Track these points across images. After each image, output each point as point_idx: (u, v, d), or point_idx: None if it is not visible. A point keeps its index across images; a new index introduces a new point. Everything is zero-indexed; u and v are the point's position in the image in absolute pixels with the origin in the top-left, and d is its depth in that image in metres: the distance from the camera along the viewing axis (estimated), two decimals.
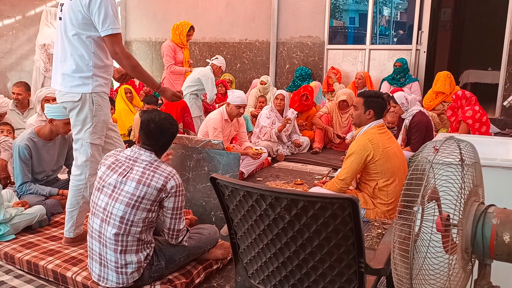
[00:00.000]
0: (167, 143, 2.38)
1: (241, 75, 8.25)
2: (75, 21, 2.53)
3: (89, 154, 2.68)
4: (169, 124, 2.35)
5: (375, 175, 3.31)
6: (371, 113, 3.34)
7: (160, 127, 2.31)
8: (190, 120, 4.69)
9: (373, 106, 3.33)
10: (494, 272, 1.38)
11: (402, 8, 10.58)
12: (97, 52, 2.59)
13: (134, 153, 2.33)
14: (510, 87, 6.27)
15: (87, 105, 2.60)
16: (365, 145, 3.25)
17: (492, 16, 8.45)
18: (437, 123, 5.70)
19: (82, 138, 2.67)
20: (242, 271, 1.79)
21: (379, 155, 3.24)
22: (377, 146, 3.24)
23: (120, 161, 2.33)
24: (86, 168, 2.70)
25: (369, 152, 3.24)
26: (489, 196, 1.57)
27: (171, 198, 2.26)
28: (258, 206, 1.54)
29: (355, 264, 1.50)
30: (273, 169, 4.96)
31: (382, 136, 3.32)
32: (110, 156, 2.39)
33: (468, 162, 1.36)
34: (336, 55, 7.50)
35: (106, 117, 2.71)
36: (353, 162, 3.27)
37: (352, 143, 3.38)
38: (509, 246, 1.26)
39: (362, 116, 3.38)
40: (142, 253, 2.28)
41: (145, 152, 2.31)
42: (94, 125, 2.64)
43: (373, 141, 3.25)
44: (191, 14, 8.46)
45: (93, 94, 2.59)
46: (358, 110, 3.39)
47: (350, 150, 3.34)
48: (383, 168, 3.27)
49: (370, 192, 3.38)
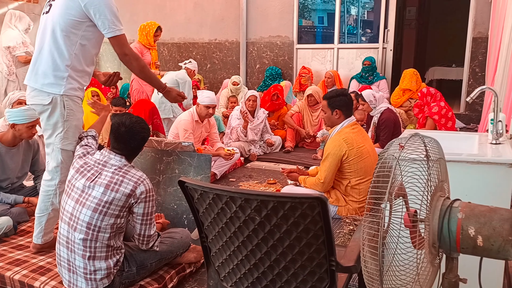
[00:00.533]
0: (137, 147, 2.34)
1: (212, 76, 8.21)
2: (66, 17, 2.43)
3: (59, 160, 2.58)
4: (140, 127, 2.31)
5: (348, 174, 3.35)
6: (338, 113, 3.38)
7: (131, 131, 2.27)
8: (159, 122, 4.62)
9: (338, 106, 3.37)
10: (461, 265, 1.41)
11: (369, 7, 10.76)
12: (79, 55, 2.49)
13: (104, 157, 2.27)
14: (473, 83, 6.46)
15: (58, 109, 2.49)
16: (340, 145, 3.28)
17: (455, 14, 8.70)
18: (404, 120, 5.82)
19: (53, 143, 2.57)
20: (214, 274, 1.77)
21: (354, 154, 3.28)
22: (351, 146, 3.28)
23: (89, 164, 2.27)
24: (57, 174, 2.61)
25: (344, 151, 3.27)
26: (455, 190, 1.61)
27: (141, 203, 2.22)
28: (228, 208, 1.52)
29: (326, 263, 1.51)
30: (246, 169, 4.95)
31: (356, 135, 3.36)
32: (80, 158, 2.33)
33: (433, 158, 1.39)
34: (306, 55, 7.55)
35: (78, 122, 2.60)
36: (331, 163, 3.30)
37: (327, 144, 3.40)
38: (474, 239, 1.28)
39: (331, 117, 3.42)
40: (111, 259, 2.23)
41: (115, 156, 2.26)
42: (66, 130, 2.54)
43: (347, 140, 3.29)
44: (159, 15, 8.34)
45: (65, 97, 2.48)
46: (326, 113, 3.44)
47: (326, 151, 3.36)
48: (356, 167, 3.31)
49: (343, 190, 3.42)
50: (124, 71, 8.92)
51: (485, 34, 6.21)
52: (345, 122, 3.39)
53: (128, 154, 2.31)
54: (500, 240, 1.25)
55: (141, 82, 5.57)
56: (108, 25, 2.43)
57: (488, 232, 1.26)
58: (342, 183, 3.40)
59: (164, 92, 2.83)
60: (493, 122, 2.26)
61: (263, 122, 5.49)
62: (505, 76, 3.25)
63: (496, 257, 1.28)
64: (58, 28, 2.44)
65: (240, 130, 5.29)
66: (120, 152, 2.27)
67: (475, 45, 6.41)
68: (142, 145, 2.36)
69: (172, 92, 2.87)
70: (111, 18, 2.43)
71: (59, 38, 2.44)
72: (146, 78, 2.76)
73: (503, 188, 1.96)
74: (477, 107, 6.40)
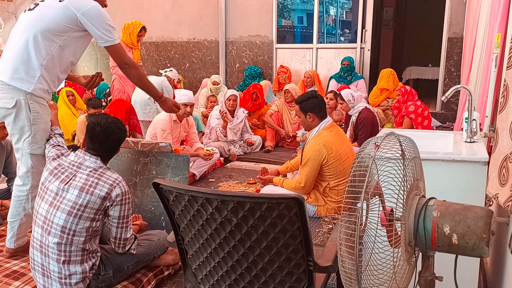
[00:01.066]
0: (113, 148, 2.28)
1: (191, 75, 8.15)
2: (55, 21, 2.38)
3: (29, 165, 2.50)
4: (116, 128, 2.26)
5: (327, 176, 3.35)
6: (312, 116, 3.38)
7: (106, 131, 2.22)
8: (136, 123, 4.55)
9: (310, 109, 3.37)
10: (437, 263, 1.42)
11: (347, 7, 10.86)
12: (56, 58, 2.44)
13: (78, 158, 2.22)
14: (449, 83, 6.58)
15: (24, 112, 2.40)
16: (320, 150, 3.27)
17: (431, 14, 8.84)
18: (382, 119, 5.88)
19: (21, 148, 2.49)
20: (191, 277, 1.74)
21: (333, 158, 3.28)
22: (330, 150, 3.27)
23: (63, 166, 2.21)
24: (28, 179, 2.53)
25: (324, 156, 3.26)
26: (431, 188, 1.62)
27: (117, 206, 2.17)
28: (204, 210, 1.50)
29: (304, 263, 1.50)
30: (226, 170, 4.92)
31: (335, 137, 3.35)
32: (54, 160, 2.27)
33: (408, 157, 1.39)
34: (285, 54, 7.56)
35: (46, 125, 2.52)
36: (311, 168, 3.30)
37: (306, 148, 3.38)
38: (449, 237, 1.29)
39: (306, 121, 3.43)
40: (87, 263, 2.18)
41: (90, 158, 2.20)
42: (33, 134, 2.45)
43: (326, 144, 3.28)
44: (136, 13, 8.24)
45: (31, 99, 2.39)
46: (300, 117, 3.45)
47: (305, 155, 3.34)
48: (335, 170, 3.31)
49: (321, 191, 3.42)
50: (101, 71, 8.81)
51: (460, 34, 6.33)
52: (322, 124, 3.38)
53: (104, 155, 2.26)
54: (474, 238, 1.26)
55: (123, 82, 5.48)
56: (105, 35, 2.47)
57: (462, 230, 1.27)
58: (321, 185, 3.40)
59: (161, 102, 2.83)
60: (468, 121, 2.29)
61: (242, 122, 5.48)
62: (479, 75, 3.31)
63: (471, 255, 1.30)
64: (42, 27, 2.39)
65: (220, 130, 5.26)
66: (96, 153, 2.22)
67: (450, 45, 6.52)
68: (117, 146, 2.31)
69: (168, 101, 2.90)
70: (108, 29, 2.47)
71: (40, 37, 2.38)
72: (144, 87, 2.77)
73: (477, 186, 1.98)
74: (453, 106, 6.52)
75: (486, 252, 1.27)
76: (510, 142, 1.74)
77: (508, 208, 1.66)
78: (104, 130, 2.21)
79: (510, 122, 1.75)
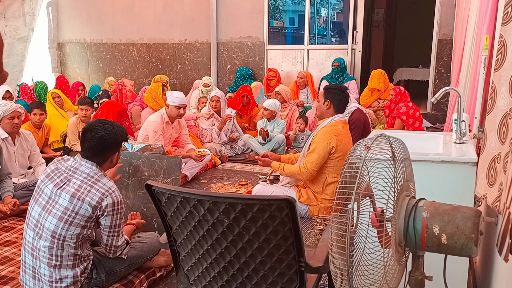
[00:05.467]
0: (100, 148, 2.19)
1: (182, 76, 8.13)
2: None
3: None
4: (102, 127, 2.23)
5: (328, 168, 3.37)
6: (329, 104, 3.39)
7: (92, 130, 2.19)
8: (128, 125, 4.54)
9: (331, 98, 3.38)
10: (427, 263, 1.44)
11: (338, 9, 10.91)
12: None
13: (75, 163, 2.19)
14: (439, 84, 6.64)
15: None
16: (331, 138, 3.30)
17: (421, 16, 8.90)
18: (373, 120, 5.92)
19: None
20: (183, 278, 1.74)
21: (339, 151, 3.31)
22: (340, 142, 3.31)
23: (60, 170, 2.18)
24: None
25: (333, 146, 3.29)
26: (421, 189, 1.64)
27: (108, 216, 2.14)
28: (196, 211, 1.50)
29: (296, 264, 1.51)
30: (218, 171, 4.92)
31: (345, 133, 3.40)
32: (53, 163, 2.24)
33: (399, 158, 1.41)
34: (276, 55, 7.58)
35: None
36: (319, 155, 3.30)
37: (318, 135, 3.37)
38: (438, 237, 1.31)
39: (322, 107, 3.44)
40: (79, 267, 2.16)
41: (86, 163, 2.17)
42: None
43: (338, 136, 3.32)
44: (128, 15, 8.21)
45: None
46: (319, 101, 3.46)
47: (315, 142, 3.34)
48: (336, 164, 3.34)
49: (316, 188, 3.43)
50: (92, 72, 8.77)
51: (450, 36, 6.39)
52: (336, 117, 3.40)
53: (96, 159, 2.21)
54: (463, 238, 1.28)
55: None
56: None
57: (451, 230, 1.29)
58: (319, 180, 3.41)
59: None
60: (457, 122, 2.32)
61: (231, 121, 5.48)
62: (468, 77, 3.34)
63: (460, 254, 1.31)
64: None
65: (216, 132, 5.25)
66: (90, 157, 2.19)
67: (440, 46, 6.58)
68: (103, 146, 2.21)
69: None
70: None
71: None
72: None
73: (466, 187, 2.01)
74: (443, 107, 6.58)
75: (474, 251, 1.29)
76: (498, 143, 1.77)
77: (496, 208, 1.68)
78: (90, 128, 2.20)
79: (498, 124, 1.77)
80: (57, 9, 8.82)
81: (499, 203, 1.65)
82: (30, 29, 8.29)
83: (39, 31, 8.49)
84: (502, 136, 1.73)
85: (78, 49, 8.84)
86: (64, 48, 8.95)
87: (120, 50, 8.46)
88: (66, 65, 9.01)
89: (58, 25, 8.89)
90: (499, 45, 1.78)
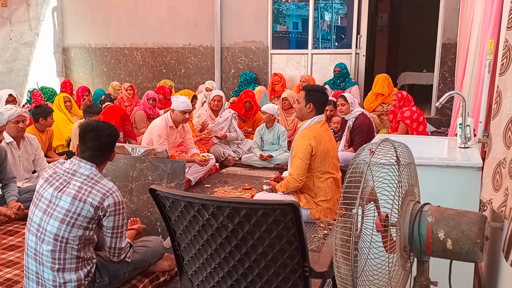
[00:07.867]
0: (105, 146, 2.23)
1: (186, 81, 8.15)
2: None
3: None
4: (107, 126, 2.25)
5: (312, 171, 3.40)
6: (311, 107, 3.42)
7: (96, 129, 2.20)
8: (130, 129, 4.54)
9: (313, 100, 3.41)
10: (432, 268, 1.43)
11: (342, 13, 10.91)
12: None
13: (73, 165, 2.19)
14: (443, 88, 6.62)
15: None
16: (310, 140, 3.32)
17: (425, 20, 8.90)
18: (377, 124, 5.90)
19: None
20: (187, 283, 1.74)
21: (320, 151, 3.34)
22: (319, 143, 3.33)
23: (58, 174, 2.19)
24: None
25: (313, 147, 3.31)
26: (426, 194, 1.63)
27: (110, 217, 2.15)
28: (200, 216, 1.50)
29: (300, 269, 1.50)
30: (221, 175, 4.92)
31: (325, 133, 3.42)
32: (50, 167, 2.25)
33: (403, 163, 1.40)
34: (280, 60, 7.59)
35: None
36: (302, 159, 3.33)
37: (296, 139, 3.42)
38: (444, 242, 1.30)
39: (303, 109, 3.45)
40: (82, 270, 2.16)
41: (85, 165, 2.18)
42: None
43: (317, 137, 3.34)
44: (132, 19, 8.25)
45: None
46: (300, 103, 3.47)
47: (295, 146, 3.38)
48: (320, 164, 3.36)
49: (310, 192, 3.45)
50: (96, 76, 8.81)
51: (454, 40, 6.38)
52: (315, 118, 3.43)
53: (98, 159, 2.22)
54: (468, 243, 1.27)
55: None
56: None
57: (457, 235, 1.28)
58: (307, 184, 3.44)
59: None
60: (462, 127, 2.31)
61: (227, 121, 5.49)
62: (473, 81, 3.33)
63: (465, 260, 1.31)
64: None
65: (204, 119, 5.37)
66: (90, 157, 2.19)
67: (445, 50, 6.57)
68: (110, 144, 2.25)
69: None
70: None
71: None
72: None
73: (471, 191, 2.00)
74: (447, 111, 6.55)
75: (480, 257, 1.28)
76: (503, 148, 1.76)
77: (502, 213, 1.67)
78: (94, 128, 2.20)
79: (503, 128, 1.76)
80: (62, 14, 8.88)
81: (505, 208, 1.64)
82: (35, 34, 8.35)
83: (44, 35, 8.54)
84: (508, 140, 1.72)
85: (82, 54, 8.89)
86: (69, 53, 9.00)
87: (125, 54, 8.50)
88: (70, 69, 9.06)
89: (63, 29, 8.95)
90: (504, 49, 1.77)
